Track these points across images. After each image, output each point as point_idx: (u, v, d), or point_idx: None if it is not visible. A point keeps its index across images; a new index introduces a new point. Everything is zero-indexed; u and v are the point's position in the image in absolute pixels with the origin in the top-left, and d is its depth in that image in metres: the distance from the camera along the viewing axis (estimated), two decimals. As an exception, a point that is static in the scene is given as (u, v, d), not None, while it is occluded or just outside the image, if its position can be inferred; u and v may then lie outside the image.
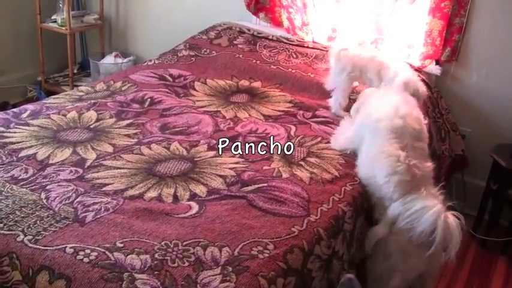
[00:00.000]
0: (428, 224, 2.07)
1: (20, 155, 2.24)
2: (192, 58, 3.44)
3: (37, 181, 2.06)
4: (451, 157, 3.27)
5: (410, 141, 2.27)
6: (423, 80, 3.23)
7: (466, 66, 3.41)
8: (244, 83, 3.15)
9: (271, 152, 2.42)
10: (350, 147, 2.50)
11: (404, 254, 2.23)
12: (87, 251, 1.68)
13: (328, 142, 2.56)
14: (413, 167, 2.22)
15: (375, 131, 2.33)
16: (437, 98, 3.30)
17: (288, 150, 2.44)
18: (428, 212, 2.08)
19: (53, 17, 4.49)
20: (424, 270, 2.30)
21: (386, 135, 2.28)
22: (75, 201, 1.94)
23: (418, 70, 3.31)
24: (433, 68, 3.37)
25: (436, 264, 2.32)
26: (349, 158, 2.45)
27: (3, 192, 1.96)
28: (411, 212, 2.13)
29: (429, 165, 2.30)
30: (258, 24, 3.90)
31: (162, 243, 1.74)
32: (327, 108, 2.91)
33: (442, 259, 2.28)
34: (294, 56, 3.37)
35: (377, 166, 2.26)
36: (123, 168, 2.19)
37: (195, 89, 3.05)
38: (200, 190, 2.07)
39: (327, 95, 3.01)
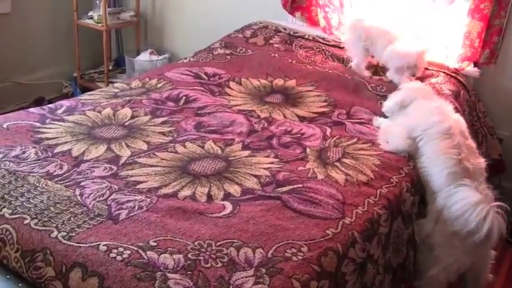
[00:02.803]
0: (470, 215, 2.17)
1: (55, 151, 2.25)
2: (228, 56, 3.43)
3: (72, 177, 2.06)
4: (488, 161, 3.21)
5: (462, 140, 2.41)
6: (460, 82, 3.18)
7: (505, 69, 3.34)
8: (279, 81, 3.12)
9: (306, 152, 2.39)
10: (404, 149, 2.51)
11: (448, 245, 2.30)
12: (121, 249, 1.67)
13: (364, 143, 2.53)
14: (464, 161, 2.34)
15: (426, 138, 2.45)
16: (474, 101, 3.24)
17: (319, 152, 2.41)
18: (470, 203, 2.20)
19: (89, 14, 4.53)
20: (468, 265, 2.37)
21: (438, 138, 2.41)
22: (109, 199, 1.94)
23: (456, 72, 3.25)
24: (472, 71, 3.30)
25: (483, 260, 2.47)
26: (385, 159, 2.41)
27: (38, 188, 1.97)
28: (455, 200, 2.25)
29: (481, 161, 2.44)
30: (294, 23, 3.88)
31: (196, 243, 1.73)
32: (361, 106, 2.88)
33: (488, 255, 2.46)
34: (331, 59, 3.34)
35: (433, 164, 2.39)
36: (157, 166, 2.19)
37: (230, 88, 3.04)
38: (234, 190, 2.06)
39: (362, 94, 2.99)
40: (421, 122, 2.50)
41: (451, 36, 3.30)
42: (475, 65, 3.33)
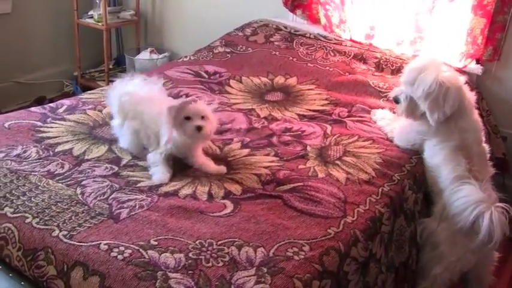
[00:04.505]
0: (470, 212, 2.16)
1: (56, 150, 2.24)
2: (228, 55, 3.42)
3: (73, 176, 2.06)
4: (491, 161, 3.20)
5: (476, 148, 2.38)
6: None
7: (509, 66, 3.32)
8: (280, 79, 3.12)
9: (307, 150, 2.39)
10: (410, 147, 2.52)
11: (452, 243, 2.29)
12: (122, 248, 1.67)
13: (365, 140, 2.52)
14: (475, 171, 2.32)
15: (440, 148, 2.41)
16: (478, 100, 3.21)
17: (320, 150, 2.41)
18: (472, 201, 2.18)
19: (89, 13, 4.53)
20: (472, 264, 2.35)
21: (453, 149, 2.36)
22: (110, 198, 1.93)
23: (459, 70, 3.24)
24: (474, 68, 3.28)
25: (486, 261, 2.46)
26: (386, 157, 2.41)
27: (39, 187, 1.97)
28: (457, 197, 2.23)
29: (490, 170, 2.43)
30: (294, 21, 3.87)
31: (197, 242, 1.73)
32: (363, 105, 2.86)
33: (492, 256, 2.45)
34: (332, 54, 3.32)
35: (442, 168, 2.35)
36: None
37: (230, 86, 3.03)
38: (235, 188, 2.05)
39: (363, 91, 2.98)
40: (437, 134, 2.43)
41: (454, 33, 3.28)
42: (477, 62, 3.31)
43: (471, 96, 2.47)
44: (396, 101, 2.49)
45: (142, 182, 2.05)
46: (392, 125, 2.61)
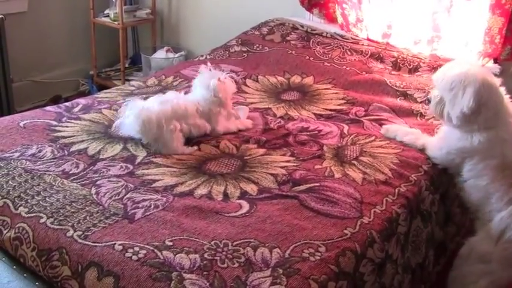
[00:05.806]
0: None
1: (71, 149, 2.24)
2: (244, 54, 3.41)
3: (87, 176, 2.06)
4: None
5: None
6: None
7: (527, 65, 3.29)
8: (296, 79, 3.10)
9: (323, 150, 2.37)
10: (447, 165, 2.42)
11: (508, 262, 2.20)
12: (136, 249, 1.66)
13: (382, 140, 2.49)
14: None
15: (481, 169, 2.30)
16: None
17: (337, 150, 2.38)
18: None
19: (105, 12, 4.55)
20: None
21: (495, 170, 2.25)
22: (124, 198, 1.93)
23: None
24: (492, 67, 3.24)
25: None
26: (403, 157, 2.37)
27: (54, 187, 1.97)
28: None
29: None
30: (311, 20, 3.85)
31: (212, 242, 1.71)
32: (380, 104, 2.83)
33: None
34: (349, 53, 3.30)
35: (491, 191, 2.25)
36: (172, 167, 2.17)
37: (246, 85, 3.02)
38: (251, 188, 2.04)
39: (380, 90, 2.95)
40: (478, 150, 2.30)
41: (471, 32, 3.25)
42: (495, 61, 3.28)
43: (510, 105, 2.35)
44: (429, 100, 2.43)
45: (157, 182, 2.04)
46: (422, 139, 2.49)
